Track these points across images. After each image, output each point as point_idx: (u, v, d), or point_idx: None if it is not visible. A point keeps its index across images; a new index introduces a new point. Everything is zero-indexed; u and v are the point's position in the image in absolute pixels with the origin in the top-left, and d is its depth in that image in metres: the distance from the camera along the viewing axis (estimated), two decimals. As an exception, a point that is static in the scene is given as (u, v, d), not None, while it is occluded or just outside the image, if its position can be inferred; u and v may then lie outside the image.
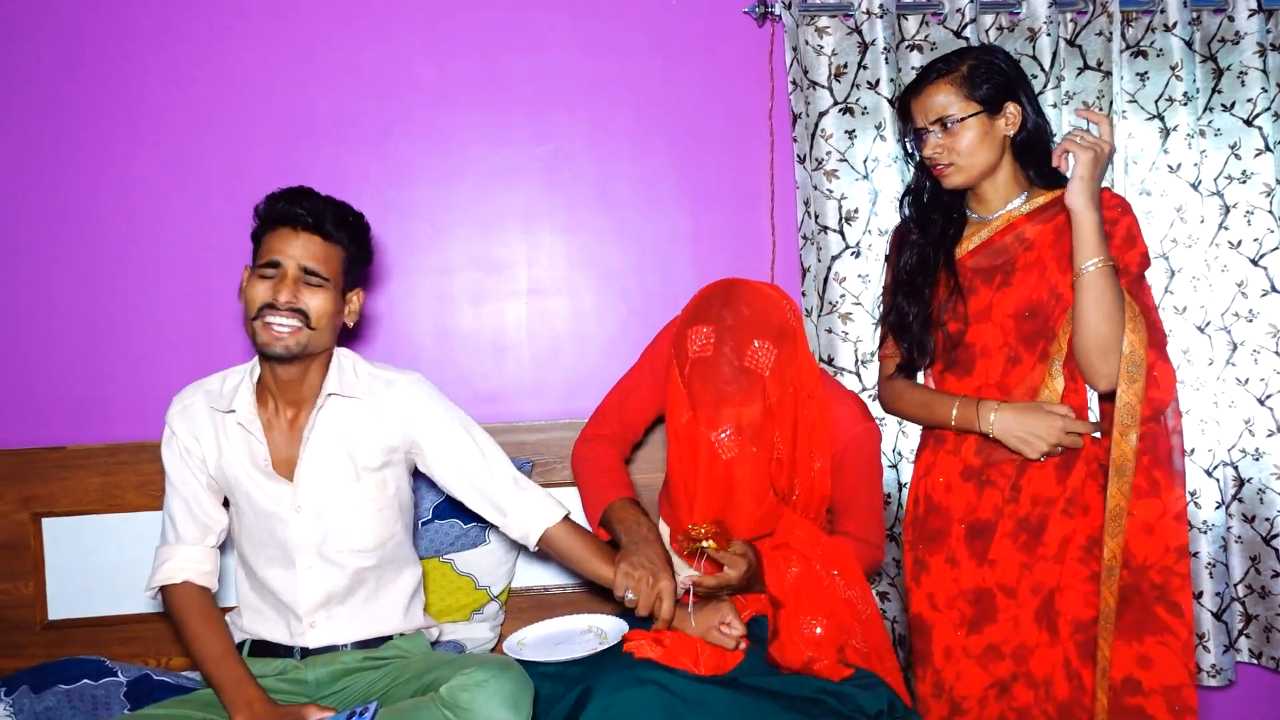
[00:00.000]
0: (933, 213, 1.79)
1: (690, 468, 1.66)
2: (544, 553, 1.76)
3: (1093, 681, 1.65)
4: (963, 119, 1.66)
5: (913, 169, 1.83)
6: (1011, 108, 1.68)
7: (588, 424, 1.90)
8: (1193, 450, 2.27)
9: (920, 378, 1.85)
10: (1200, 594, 2.26)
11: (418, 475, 1.83)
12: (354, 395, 1.68)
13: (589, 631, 1.74)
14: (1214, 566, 2.25)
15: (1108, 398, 1.65)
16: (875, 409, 2.25)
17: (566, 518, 1.73)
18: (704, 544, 1.61)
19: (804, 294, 2.29)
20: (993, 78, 1.67)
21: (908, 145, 1.76)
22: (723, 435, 1.61)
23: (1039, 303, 1.67)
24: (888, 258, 1.88)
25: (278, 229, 1.62)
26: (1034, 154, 1.71)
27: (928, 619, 1.77)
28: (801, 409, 1.67)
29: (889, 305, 1.83)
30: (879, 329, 1.92)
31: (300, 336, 1.60)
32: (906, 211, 1.84)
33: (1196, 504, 2.26)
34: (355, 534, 1.69)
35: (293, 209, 1.62)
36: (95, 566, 2.12)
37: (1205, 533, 2.25)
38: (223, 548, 1.76)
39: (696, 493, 1.66)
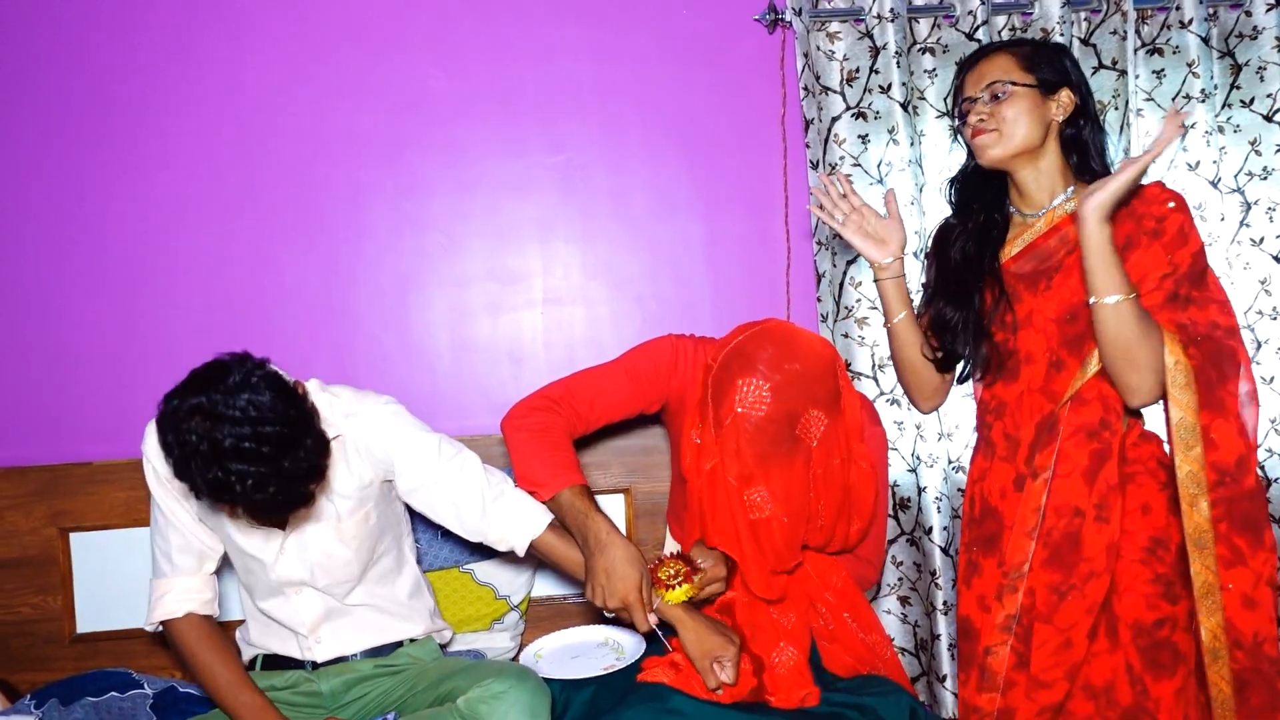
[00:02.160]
0: (974, 201, 1.73)
1: (715, 516, 1.58)
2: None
3: (1159, 691, 1.58)
4: (1014, 86, 1.61)
5: (964, 154, 1.76)
6: (1066, 94, 1.64)
7: (540, 391, 1.74)
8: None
9: (970, 387, 1.82)
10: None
11: None
12: (340, 433, 1.61)
13: (605, 645, 1.74)
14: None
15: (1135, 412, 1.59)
16: (888, 411, 2.25)
17: (550, 525, 1.63)
18: (680, 589, 1.57)
19: (819, 299, 2.28)
20: (1055, 63, 1.64)
21: (958, 126, 1.70)
22: (756, 496, 1.53)
23: (1080, 305, 1.60)
24: (928, 254, 1.83)
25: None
26: (1083, 153, 1.66)
27: (975, 622, 1.70)
28: (852, 475, 1.62)
29: (925, 302, 1.78)
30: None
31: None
32: (950, 194, 1.79)
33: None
34: (340, 568, 1.66)
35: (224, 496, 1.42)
36: (122, 580, 2.15)
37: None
38: (219, 571, 1.71)
39: (729, 540, 1.58)
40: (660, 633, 1.59)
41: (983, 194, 1.74)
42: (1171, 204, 1.57)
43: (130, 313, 2.23)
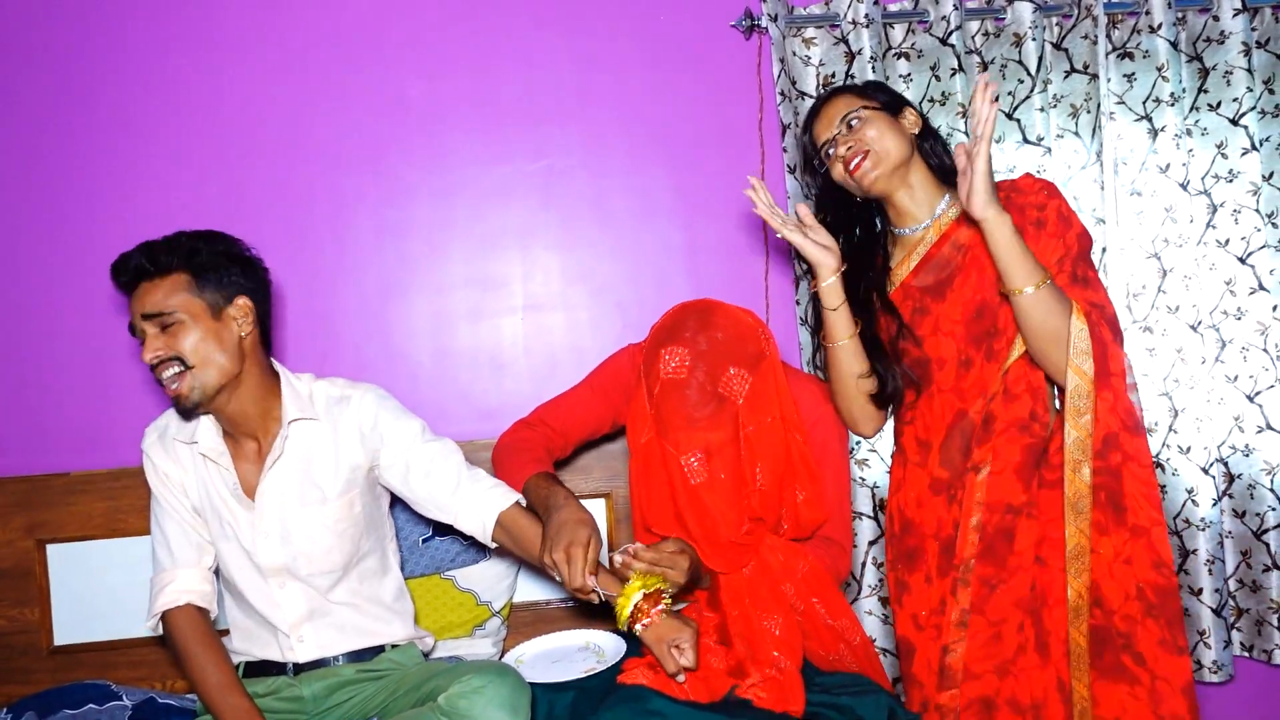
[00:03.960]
0: (840, 244, 1.73)
1: (659, 489, 1.63)
2: (503, 547, 1.69)
3: None
4: (867, 109, 1.67)
5: (813, 201, 1.78)
6: (910, 112, 1.72)
7: (520, 420, 1.85)
8: (1189, 448, 2.29)
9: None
10: (1200, 590, 2.26)
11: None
12: (314, 417, 1.69)
13: (586, 648, 1.75)
14: (1213, 563, 2.26)
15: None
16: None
17: (517, 503, 1.67)
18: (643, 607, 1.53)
19: (798, 302, 2.30)
20: (887, 91, 1.74)
21: (815, 167, 1.74)
22: (693, 460, 1.59)
23: (984, 302, 1.64)
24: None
25: (127, 300, 1.62)
26: (940, 161, 1.72)
27: (913, 640, 1.73)
28: (790, 438, 1.65)
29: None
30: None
31: (190, 380, 1.58)
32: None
33: (1194, 501, 2.27)
34: (323, 556, 1.69)
35: (116, 279, 1.61)
36: (100, 591, 2.13)
37: (1203, 530, 2.25)
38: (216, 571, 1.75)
39: (665, 515, 1.62)
40: (600, 593, 1.53)
41: (841, 229, 1.75)
42: (1046, 191, 1.64)
43: (109, 323, 2.21)
